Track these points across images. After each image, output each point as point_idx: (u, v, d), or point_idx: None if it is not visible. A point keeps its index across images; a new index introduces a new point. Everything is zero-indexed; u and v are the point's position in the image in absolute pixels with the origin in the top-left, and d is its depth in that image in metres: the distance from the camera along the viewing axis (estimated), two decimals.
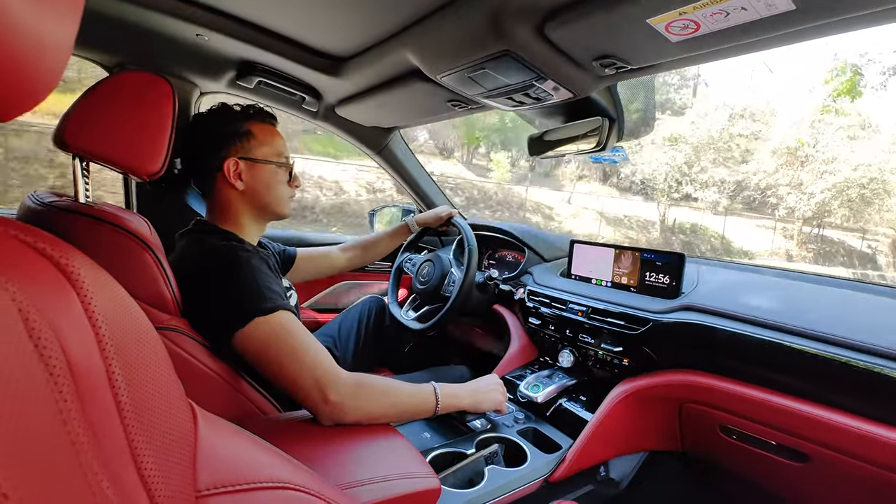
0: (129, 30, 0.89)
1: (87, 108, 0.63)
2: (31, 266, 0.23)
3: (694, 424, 0.92)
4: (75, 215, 0.61)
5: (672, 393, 0.90)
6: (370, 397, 0.70)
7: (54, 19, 0.17)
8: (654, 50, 0.61)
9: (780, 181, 14.82)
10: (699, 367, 0.86)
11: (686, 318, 0.88)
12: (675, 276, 0.98)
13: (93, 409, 0.24)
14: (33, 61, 0.17)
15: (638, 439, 0.99)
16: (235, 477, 0.35)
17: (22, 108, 0.18)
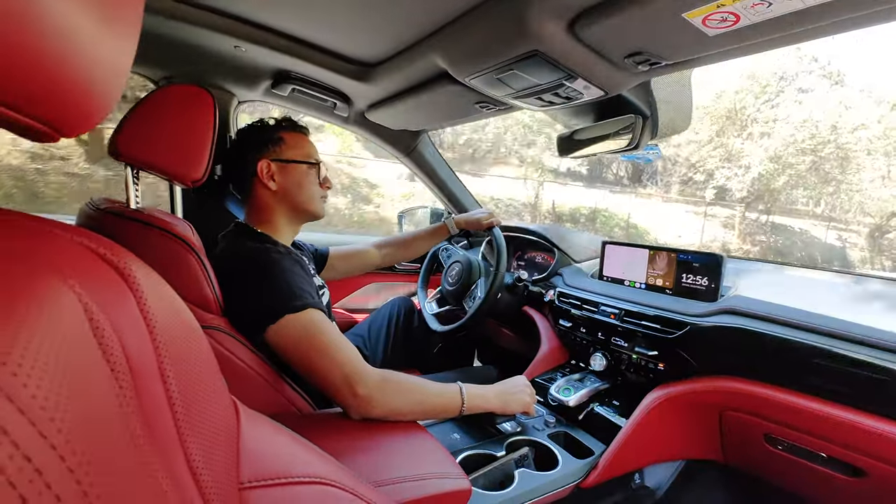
0: (174, 45, 0.95)
1: (137, 120, 0.67)
2: (94, 270, 0.25)
3: (736, 433, 0.88)
4: (127, 220, 0.66)
5: (712, 400, 0.87)
6: (396, 393, 0.72)
7: (116, 41, 0.19)
8: (689, 45, 0.59)
9: (713, 154, 11.93)
10: (741, 373, 0.82)
11: (727, 322, 0.85)
12: (714, 277, 0.94)
13: (147, 403, 0.26)
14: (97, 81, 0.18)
15: (675, 447, 0.96)
16: (275, 471, 0.36)
17: (87, 125, 0.19)
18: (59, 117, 0.17)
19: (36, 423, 0.14)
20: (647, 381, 0.98)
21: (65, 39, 0.15)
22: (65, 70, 0.16)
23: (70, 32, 0.15)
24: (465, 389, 0.80)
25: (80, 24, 0.16)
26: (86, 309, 0.21)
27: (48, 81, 0.15)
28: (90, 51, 0.16)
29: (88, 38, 0.16)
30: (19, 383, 0.14)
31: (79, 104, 0.18)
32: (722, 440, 0.92)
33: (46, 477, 0.13)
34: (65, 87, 0.16)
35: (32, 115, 0.17)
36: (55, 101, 0.17)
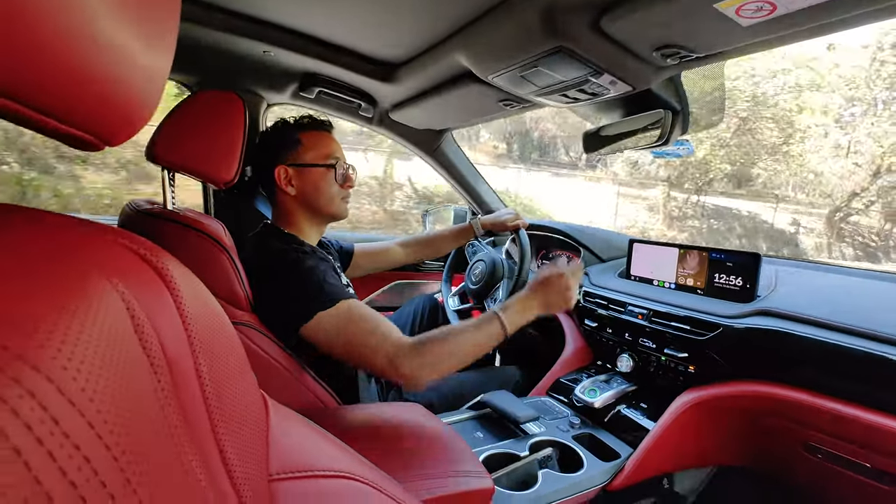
0: (206, 51, 0.98)
1: (172, 125, 0.70)
2: (134, 269, 0.26)
3: (771, 440, 0.85)
4: (164, 221, 0.69)
5: (746, 405, 0.83)
6: (437, 359, 0.73)
7: (155, 52, 0.20)
8: (722, 36, 0.57)
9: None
10: (778, 377, 0.79)
11: (763, 325, 0.81)
12: (750, 277, 0.90)
13: (184, 397, 0.27)
14: (139, 91, 0.19)
15: (705, 452, 0.93)
16: (302, 464, 0.37)
17: (130, 132, 0.20)
18: (105, 127, 0.19)
19: (84, 413, 0.15)
20: (676, 384, 0.96)
21: (110, 55, 0.16)
22: (109, 83, 0.17)
23: (115, 49, 0.16)
24: (503, 315, 0.78)
25: (124, 40, 0.17)
26: (128, 307, 0.23)
27: (95, 94, 0.16)
28: (133, 64, 0.17)
29: (131, 52, 0.17)
30: (69, 377, 0.15)
31: (122, 114, 0.19)
32: (756, 447, 0.88)
33: (94, 464, 0.14)
34: (109, 99, 0.17)
35: (80, 126, 0.18)
36: (101, 112, 0.18)
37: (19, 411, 0.12)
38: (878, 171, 8.80)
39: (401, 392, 1.07)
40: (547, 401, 1.08)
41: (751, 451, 0.90)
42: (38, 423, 0.13)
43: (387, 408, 0.82)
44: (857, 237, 10.16)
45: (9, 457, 0.12)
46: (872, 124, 8.87)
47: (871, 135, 8.82)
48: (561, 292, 0.83)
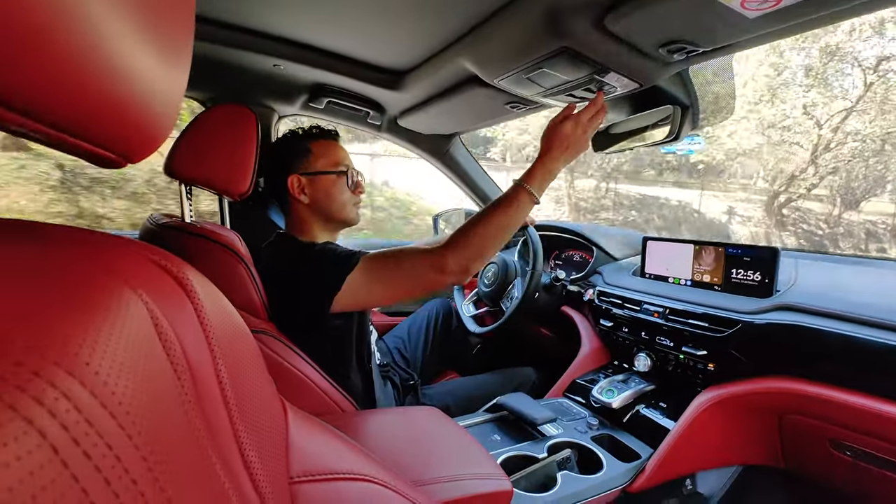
0: (219, 67, 1.01)
1: (189, 140, 0.73)
2: (158, 280, 0.27)
3: (798, 439, 0.82)
4: (183, 233, 0.71)
5: (769, 402, 0.82)
6: (474, 245, 0.75)
7: (171, 72, 0.21)
8: (728, 29, 0.56)
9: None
10: (802, 373, 0.77)
11: (783, 319, 0.79)
12: (768, 272, 0.88)
13: (205, 401, 0.28)
14: (157, 110, 0.20)
15: (729, 452, 0.91)
16: (321, 467, 0.38)
17: (150, 149, 0.21)
18: (125, 145, 0.20)
19: (115, 415, 0.16)
20: (695, 382, 0.94)
21: (129, 75, 0.17)
22: (130, 102, 0.18)
23: (134, 69, 0.17)
24: (527, 181, 0.77)
25: (142, 60, 0.18)
26: (152, 316, 0.24)
27: (115, 113, 0.17)
28: (151, 83, 0.18)
29: (149, 71, 0.18)
30: (100, 381, 0.16)
31: (142, 132, 0.20)
32: (781, 445, 0.86)
33: (125, 463, 0.15)
34: (129, 118, 0.18)
35: (102, 144, 0.19)
36: (121, 130, 0.19)
37: (56, 413, 0.13)
38: (816, 150, 7.79)
39: (417, 396, 1.08)
40: (564, 402, 1.07)
41: (776, 450, 0.88)
42: (73, 424, 0.14)
43: (403, 411, 0.82)
44: (801, 224, 9.26)
45: (47, 455, 0.13)
46: (804, 95, 7.86)
47: (804, 108, 7.76)
48: (576, 135, 0.79)
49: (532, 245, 1.19)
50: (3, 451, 0.11)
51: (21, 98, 0.14)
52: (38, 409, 0.13)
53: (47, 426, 0.13)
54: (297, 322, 0.77)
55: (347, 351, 0.87)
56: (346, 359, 0.87)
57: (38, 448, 0.12)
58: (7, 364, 0.13)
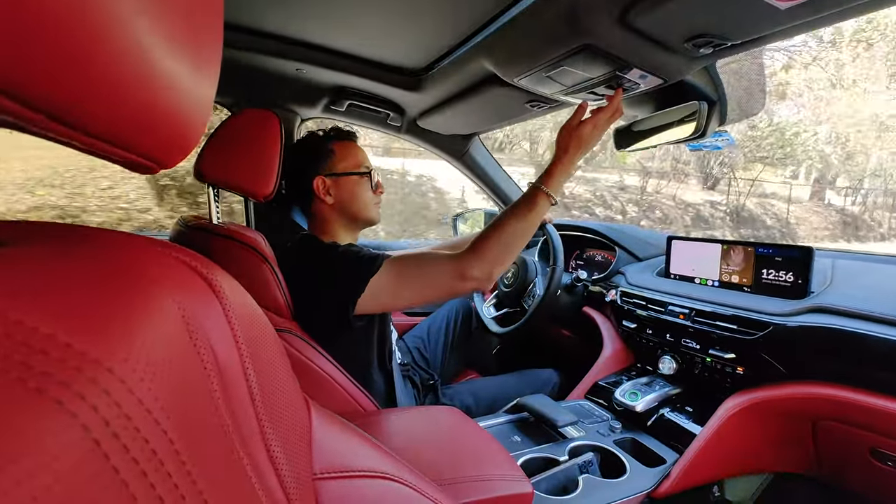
0: (244, 73, 1.04)
1: (216, 144, 0.75)
2: (188, 281, 0.28)
3: (833, 446, 0.79)
4: (211, 234, 0.73)
5: (803, 408, 0.78)
6: (495, 251, 0.76)
7: (203, 80, 0.22)
8: (758, 21, 0.54)
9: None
10: (839, 378, 0.73)
11: (820, 322, 0.76)
12: (802, 272, 0.85)
13: (233, 399, 0.29)
14: (190, 117, 0.21)
15: (759, 459, 0.87)
16: (344, 464, 0.38)
17: (182, 155, 0.22)
18: (160, 152, 0.20)
19: (151, 411, 0.16)
20: (723, 386, 0.91)
21: (165, 86, 0.17)
22: (165, 112, 0.18)
23: (169, 80, 0.18)
24: (543, 182, 0.78)
25: (176, 69, 0.18)
26: (183, 315, 0.25)
27: (152, 123, 0.18)
28: (184, 91, 0.19)
29: (183, 82, 0.19)
30: (137, 378, 0.16)
31: (176, 139, 0.20)
32: (816, 453, 0.82)
33: (160, 456, 0.16)
34: (165, 127, 0.19)
35: (138, 152, 0.20)
36: (157, 138, 0.19)
37: (98, 408, 0.14)
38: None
39: (437, 396, 1.08)
40: (586, 404, 1.06)
41: (811, 458, 0.84)
42: (114, 419, 0.14)
43: (424, 412, 0.83)
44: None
45: (91, 447, 0.13)
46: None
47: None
48: (594, 136, 0.79)
49: (553, 245, 1.18)
50: (50, 443, 0.12)
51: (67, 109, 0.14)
52: (82, 403, 0.14)
53: (90, 420, 0.14)
54: (320, 323, 0.79)
55: (369, 351, 0.89)
56: (368, 358, 0.89)
57: (81, 441, 0.13)
58: (52, 361, 0.14)
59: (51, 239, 0.25)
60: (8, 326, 0.14)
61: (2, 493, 0.11)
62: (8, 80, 0.12)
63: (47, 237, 0.25)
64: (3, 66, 0.12)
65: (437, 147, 1.47)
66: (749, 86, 0.84)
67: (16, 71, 0.12)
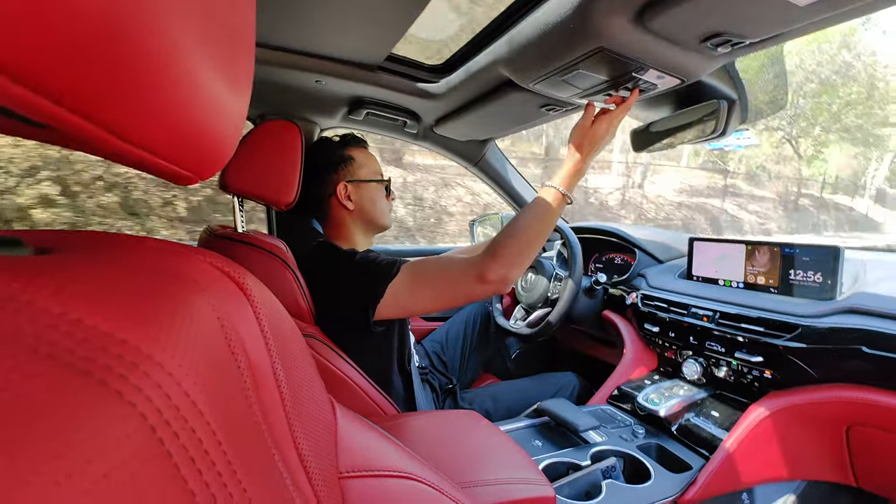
0: (266, 86, 1.07)
1: (240, 156, 0.78)
2: (221, 285, 0.30)
3: (868, 453, 0.76)
4: (236, 242, 0.76)
5: (836, 413, 0.76)
6: (512, 252, 0.75)
7: (237, 96, 0.23)
8: (777, 18, 0.54)
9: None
10: (871, 381, 0.71)
11: (851, 324, 0.74)
12: (831, 272, 0.82)
13: (264, 397, 0.30)
14: (224, 129, 0.23)
15: (790, 466, 0.85)
16: (368, 464, 0.39)
17: (218, 167, 0.24)
18: (198, 164, 0.22)
19: (196, 403, 0.17)
20: (751, 391, 0.89)
21: (206, 103, 0.19)
22: (205, 127, 0.20)
23: (208, 93, 0.19)
24: (556, 181, 0.78)
25: (215, 85, 0.20)
26: (218, 317, 0.26)
27: (193, 137, 0.20)
28: (224, 111, 0.21)
29: (221, 99, 0.20)
30: (184, 372, 0.18)
31: (213, 152, 0.22)
32: (850, 460, 0.79)
33: (205, 445, 0.17)
34: (204, 140, 0.20)
35: (179, 164, 0.22)
36: (196, 151, 0.21)
37: (153, 398, 0.15)
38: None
39: (456, 400, 1.08)
40: (608, 409, 1.04)
41: (846, 466, 0.81)
42: (166, 409, 0.16)
43: (444, 415, 0.83)
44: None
45: (148, 433, 0.14)
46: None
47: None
48: (608, 134, 0.80)
49: (571, 248, 1.17)
50: (114, 429, 0.13)
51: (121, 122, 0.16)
52: (139, 394, 0.15)
53: (147, 409, 0.15)
54: (341, 328, 0.80)
55: (389, 355, 0.90)
56: (388, 363, 0.90)
57: (140, 428, 0.14)
58: (111, 356, 0.15)
59: (94, 246, 0.26)
60: (70, 325, 0.16)
61: (75, 471, 0.12)
62: (66, 91, 0.13)
63: (90, 244, 0.27)
64: (62, 76, 0.13)
65: (453, 153, 1.48)
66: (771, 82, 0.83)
67: (75, 82, 0.13)
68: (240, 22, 0.22)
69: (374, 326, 0.80)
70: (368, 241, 1.01)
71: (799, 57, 10.84)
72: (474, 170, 1.55)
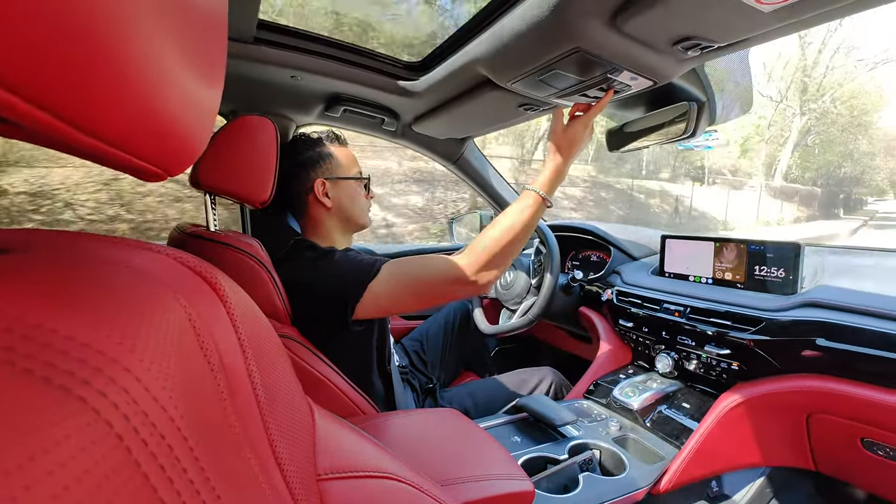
0: (239, 81, 1.04)
1: (212, 152, 0.75)
2: (192, 285, 0.29)
3: (826, 438, 0.80)
4: (208, 241, 0.74)
5: (797, 401, 0.80)
6: (491, 253, 0.76)
7: (209, 91, 0.22)
8: (743, 24, 0.56)
9: None
10: (831, 371, 0.75)
11: (810, 316, 0.78)
12: (792, 268, 0.86)
13: (239, 400, 0.29)
14: (196, 126, 0.22)
15: (756, 453, 0.88)
16: (347, 465, 0.39)
17: (188, 163, 0.23)
18: (167, 159, 0.21)
19: (166, 409, 0.17)
20: (720, 382, 0.92)
21: (174, 96, 0.18)
22: (174, 121, 0.19)
23: (182, 93, 0.18)
24: (537, 187, 0.79)
25: (188, 85, 0.19)
26: (189, 318, 0.25)
27: (162, 131, 0.19)
28: (194, 104, 0.20)
29: (194, 95, 0.19)
30: (152, 377, 0.17)
31: (183, 147, 0.21)
32: (811, 446, 0.83)
33: (176, 451, 0.16)
34: (174, 135, 0.20)
35: (147, 159, 0.21)
36: (166, 146, 0.20)
37: (119, 405, 0.15)
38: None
39: (436, 398, 1.08)
40: (584, 403, 1.06)
41: (806, 451, 0.85)
42: (133, 415, 0.15)
43: (424, 414, 0.83)
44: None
45: (114, 442, 0.14)
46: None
47: None
48: (586, 135, 0.81)
49: (549, 246, 1.19)
50: (76, 438, 0.13)
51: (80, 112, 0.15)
52: (104, 400, 0.14)
53: (112, 416, 0.14)
54: (319, 328, 0.79)
55: (368, 355, 0.89)
56: (368, 362, 0.89)
57: (106, 436, 0.14)
58: (73, 360, 0.15)
59: (57, 246, 0.25)
60: (28, 329, 0.15)
61: (34, 483, 0.11)
62: (21, 79, 0.12)
63: (53, 244, 0.25)
64: (15, 63, 0.12)
65: (431, 151, 1.48)
66: (737, 87, 0.86)
67: (30, 70, 0.13)
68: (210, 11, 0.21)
69: (352, 326, 0.79)
70: (347, 240, 0.99)
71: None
72: (453, 168, 1.55)
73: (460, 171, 1.56)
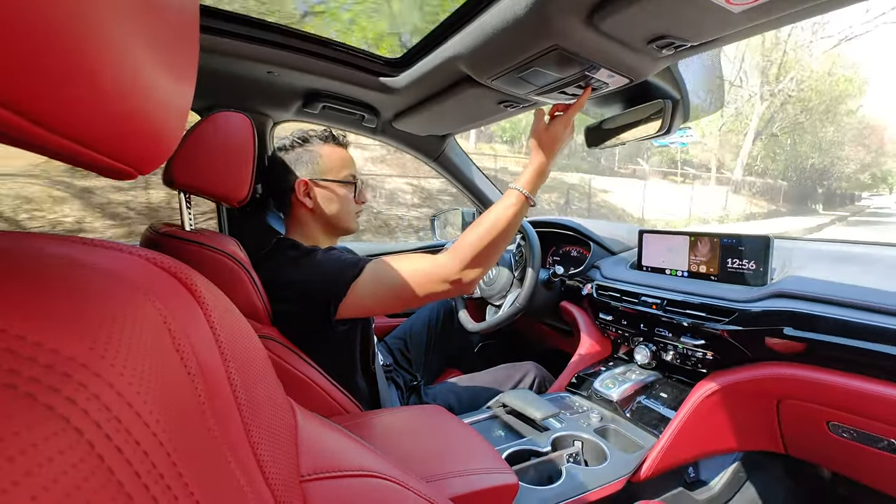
0: (214, 76, 1.01)
1: (186, 149, 0.73)
2: (168, 286, 0.28)
3: (795, 423, 0.84)
4: (183, 241, 0.72)
5: (768, 388, 0.83)
6: (474, 251, 0.76)
7: (180, 87, 0.22)
8: (714, 24, 0.58)
9: None
10: (799, 358, 0.78)
11: (779, 307, 0.81)
12: (762, 260, 0.90)
13: (218, 404, 0.29)
14: (167, 123, 0.21)
15: (730, 439, 0.92)
16: (330, 465, 0.39)
17: (159, 160, 0.22)
18: (138, 157, 0.20)
19: (140, 414, 0.16)
20: (696, 372, 0.95)
21: (143, 91, 0.18)
22: (144, 118, 0.18)
23: (147, 85, 0.18)
24: (519, 184, 0.80)
25: (156, 75, 0.18)
26: (164, 321, 0.25)
27: (131, 128, 0.18)
28: (162, 98, 0.19)
29: (164, 91, 0.19)
30: (125, 382, 0.16)
31: (154, 144, 0.20)
32: (781, 430, 0.87)
33: (152, 458, 0.16)
34: (143, 132, 0.19)
35: (117, 157, 0.20)
36: (135, 143, 0.19)
37: (89, 411, 0.14)
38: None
39: (420, 396, 1.08)
40: (567, 396, 1.08)
41: (776, 436, 0.89)
42: (105, 422, 0.15)
43: (408, 411, 0.83)
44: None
45: (85, 450, 0.13)
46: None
47: None
48: (566, 133, 0.82)
49: (530, 242, 1.20)
50: (44, 448, 0.12)
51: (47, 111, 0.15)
52: (73, 407, 0.14)
53: (83, 424, 0.14)
54: (302, 328, 0.78)
55: (352, 354, 0.88)
56: (351, 362, 0.88)
57: (76, 444, 0.13)
58: (40, 367, 0.14)
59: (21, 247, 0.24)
60: None
61: (0, 493, 0.11)
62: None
63: (17, 245, 0.24)
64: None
65: (412, 148, 1.47)
66: (709, 84, 0.89)
67: (2, 70, 0.12)
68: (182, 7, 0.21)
69: (336, 325, 0.78)
70: (332, 241, 0.98)
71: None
72: (434, 165, 1.55)
73: (442, 168, 1.56)
